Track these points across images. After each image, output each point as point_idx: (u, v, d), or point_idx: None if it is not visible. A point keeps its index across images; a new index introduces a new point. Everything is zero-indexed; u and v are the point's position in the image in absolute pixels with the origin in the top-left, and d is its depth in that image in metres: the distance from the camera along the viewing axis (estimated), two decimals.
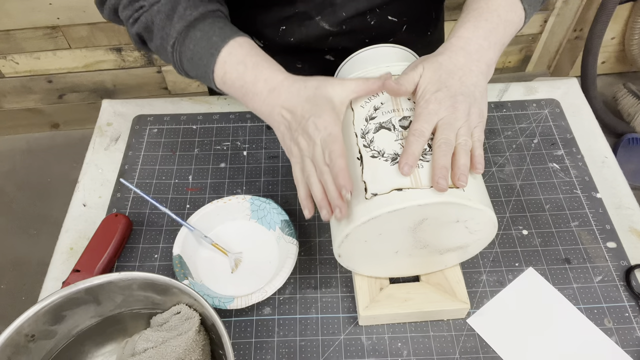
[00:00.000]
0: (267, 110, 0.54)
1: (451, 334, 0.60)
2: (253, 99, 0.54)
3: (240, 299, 0.59)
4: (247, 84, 0.54)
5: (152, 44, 0.60)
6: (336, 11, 0.69)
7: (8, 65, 1.64)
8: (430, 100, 0.50)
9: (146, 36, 0.59)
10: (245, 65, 0.54)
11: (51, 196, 1.71)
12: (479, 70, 0.52)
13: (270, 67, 0.55)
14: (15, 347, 0.48)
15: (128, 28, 0.60)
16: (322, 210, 0.50)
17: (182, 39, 0.56)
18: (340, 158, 0.48)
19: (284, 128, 0.53)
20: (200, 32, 0.55)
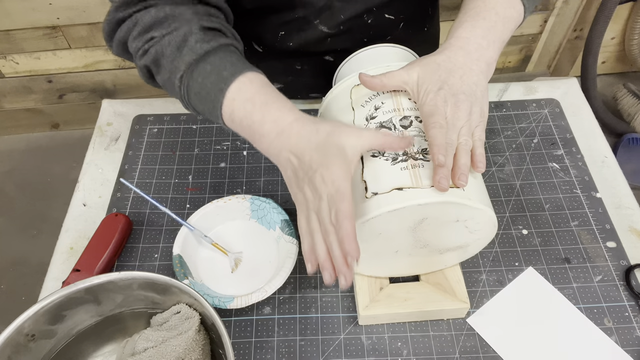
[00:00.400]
0: (274, 152, 0.51)
1: (451, 334, 0.60)
2: (260, 141, 0.51)
3: (240, 298, 0.59)
4: (255, 124, 0.50)
5: (159, 77, 0.57)
6: (334, 14, 0.69)
7: (8, 65, 1.64)
8: (436, 99, 0.50)
9: (154, 69, 0.56)
10: (253, 104, 0.51)
11: (51, 196, 1.71)
12: (479, 69, 0.52)
13: (280, 107, 0.51)
14: (15, 346, 0.48)
15: (136, 60, 0.57)
16: (324, 272, 0.47)
17: (191, 72, 0.53)
18: (347, 220, 0.45)
19: (291, 173, 0.50)
20: (210, 66, 0.52)
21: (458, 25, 0.55)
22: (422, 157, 0.49)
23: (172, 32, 0.54)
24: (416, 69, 0.52)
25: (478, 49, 0.53)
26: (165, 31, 0.54)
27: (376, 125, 0.53)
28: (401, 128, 0.52)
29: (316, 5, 0.68)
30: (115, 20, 0.57)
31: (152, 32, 0.55)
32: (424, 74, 0.51)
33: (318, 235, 0.47)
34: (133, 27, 0.56)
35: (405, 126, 0.52)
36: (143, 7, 0.55)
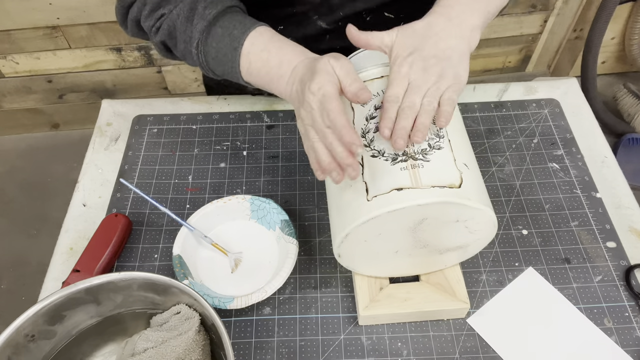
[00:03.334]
0: (288, 90, 0.53)
1: (451, 334, 0.60)
2: (279, 82, 0.54)
3: (240, 298, 0.59)
4: (273, 69, 0.54)
5: (177, 50, 0.60)
6: (334, 11, 0.69)
7: (8, 65, 1.64)
8: (402, 64, 0.51)
9: (170, 43, 0.60)
10: (268, 52, 0.55)
11: (51, 196, 1.71)
12: (460, 34, 0.52)
13: (293, 49, 0.55)
14: (15, 347, 0.48)
15: (152, 38, 0.61)
16: (332, 174, 0.49)
17: (205, 39, 0.57)
18: (339, 115, 0.47)
19: (297, 103, 0.52)
20: (221, 29, 0.56)
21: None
22: (422, 158, 0.49)
23: (179, 4, 0.57)
24: (394, 33, 0.53)
25: (460, 15, 0.53)
26: (173, 5, 0.58)
27: (376, 125, 0.53)
28: None
29: (315, 1, 0.68)
30: (126, 3, 0.61)
31: (161, 10, 0.58)
32: (399, 39, 0.52)
33: (318, 144, 0.49)
34: (143, 7, 0.60)
35: None
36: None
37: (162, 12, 0.58)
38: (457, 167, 0.50)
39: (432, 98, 0.50)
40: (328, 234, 0.68)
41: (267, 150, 0.77)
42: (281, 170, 0.75)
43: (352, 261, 0.57)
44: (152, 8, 0.59)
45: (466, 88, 0.85)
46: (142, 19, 0.60)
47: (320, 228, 0.69)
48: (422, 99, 0.50)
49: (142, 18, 0.60)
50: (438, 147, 0.51)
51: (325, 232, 0.68)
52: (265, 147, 0.78)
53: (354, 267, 0.59)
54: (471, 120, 0.81)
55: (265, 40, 0.55)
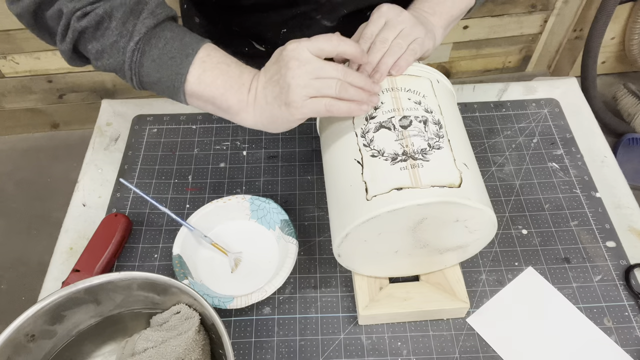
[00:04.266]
0: (252, 95, 0.53)
1: (451, 334, 0.60)
2: (239, 91, 0.53)
3: (240, 298, 0.59)
4: (232, 78, 0.53)
5: (95, 43, 0.52)
6: (337, 9, 0.70)
7: (8, 65, 1.64)
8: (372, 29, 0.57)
9: (89, 34, 0.52)
10: (227, 65, 0.53)
11: (51, 196, 1.71)
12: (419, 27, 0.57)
13: (250, 67, 0.55)
14: (15, 346, 0.48)
15: (71, 24, 0.51)
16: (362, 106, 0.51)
17: (148, 38, 0.52)
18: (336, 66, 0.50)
19: (271, 91, 0.51)
20: (171, 33, 0.53)
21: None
22: (422, 157, 0.49)
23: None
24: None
25: (423, 14, 0.61)
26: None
27: (375, 125, 0.53)
28: (401, 128, 0.52)
29: (319, 1, 0.68)
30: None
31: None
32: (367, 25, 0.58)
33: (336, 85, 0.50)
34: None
35: (405, 126, 0.52)
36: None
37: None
38: (456, 166, 0.50)
39: (402, 40, 0.55)
40: (328, 233, 0.68)
41: (267, 150, 0.77)
42: (281, 170, 0.75)
43: (352, 261, 0.57)
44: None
45: (466, 88, 0.85)
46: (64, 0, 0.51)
47: (320, 228, 0.69)
48: (394, 38, 0.55)
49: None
50: (438, 146, 0.51)
51: (325, 232, 0.68)
52: (265, 147, 0.78)
53: (354, 267, 0.59)
54: (471, 120, 0.81)
55: (222, 54, 0.54)
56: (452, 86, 0.61)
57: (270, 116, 0.52)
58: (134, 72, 0.53)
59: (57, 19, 0.52)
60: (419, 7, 0.62)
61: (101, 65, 0.54)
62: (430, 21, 0.61)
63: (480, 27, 1.74)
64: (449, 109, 0.56)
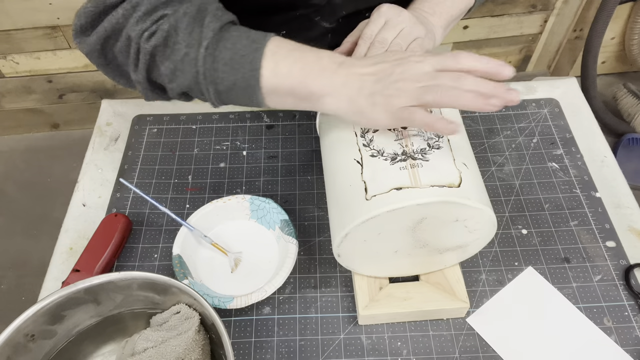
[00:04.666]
0: (339, 80, 0.49)
1: (451, 333, 0.60)
2: (321, 75, 0.50)
3: (239, 298, 0.59)
4: (310, 64, 0.50)
5: (167, 62, 0.51)
6: (336, 11, 0.70)
7: (8, 65, 1.64)
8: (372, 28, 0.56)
9: (160, 55, 0.51)
10: (301, 51, 0.51)
11: (51, 196, 1.71)
12: (419, 27, 0.58)
13: (325, 50, 0.52)
14: (15, 346, 0.48)
15: (136, 49, 0.51)
16: (493, 100, 0.46)
17: (216, 41, 0.50)
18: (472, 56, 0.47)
19: (371, 84, 0.48)
20: (237, 32, 0.51)
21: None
22: (421, 157, 0.49)
23: (185, 3, 0.51)
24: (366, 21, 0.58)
25: (423, 14, 0.61)
26: (177, 6, 0.51)
27: None
28: (400, 128, 0.52)
29: (319, 4, 0.68)
30: (103, 6, 0.51)
31: (162, 11, 0.51)
32: (367, 24, 0.58)
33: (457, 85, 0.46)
34: (133, 10, 0.51)
35: (405, 126, 0.52)
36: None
37: (164, 13, 0.50)
38: (456, 166, 0.50)
39: (402, 40, 0.55)
40: (328, 233, 0.68)
41: (267, 150, 0.77)
42: (281, 170, 0.75)
43: (352, 261, 0.57)
44: (148, 10, 0.50)
45: None
46: (132, 23, 0.50)
47: (320, 228, 0.69)
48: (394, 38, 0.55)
49: (130, 23, 0.51)
50: (437, 146, 0.51)
51: (325, 232, 0.68)
52: (265, 147, 0.78)
53: (354, 267, 0.59)
54: (470, 119, 0.81)
55: (291, 43, 0.51)
56: None
57: (358, 109, 0.49)
58: (209, 82, 0.51)
59: (126, 48, 0.51)
60: (418, 7, 0.62)
61: (176, 86, 0.52)
62: (430, 21, 0.61)
63: (480, 27, 1.74)
64: (448, 109, 0.56)
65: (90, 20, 0.52)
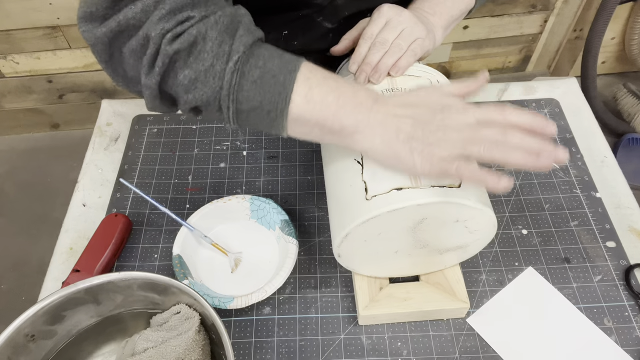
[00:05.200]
0: (376, 118, 0.47)
1: (451, 334, 0.60)
2: (356, 110, 0.47)
3: (240, 298, 0.59)
4: (346, 96, 0.47)
5: (188, 70, 0.46)
6: (338, 11, 0.70)
7: (8, 65, 1.64)
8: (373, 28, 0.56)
9: (182, 59, 0.45)
10: (336, 81, 0.47)
11: (51, 196, 1.71)
12: (420, 26, 0.58)
13: (362, 85, 0.51)
14: (15, 346, 0.48)
15: (154, 50, 0.45)
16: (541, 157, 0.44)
17: (247, 58, 0.46)
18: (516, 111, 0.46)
19: (410, 128, 0.46)
20: (268, 51, 0.47)
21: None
22: None
23: (216, 12, 0.46)
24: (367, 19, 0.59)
25: (423, 14, 0.61)
26: (206, 12, 0.46)
27: None
28: None
29: (321, 5, 0.68)
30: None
31: (189, 12, 0.45)
32: (368, 24, 0.58)
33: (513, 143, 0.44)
34: (155, 6, 0.45)
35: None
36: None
37: (190, 15, 0.45)
38: None
39: (402, 40, 0.55)
40: (328, 233, 0.68)
41: (267, 150, 0.77)
42: (281, 170, 0.75)
43: (352, 261, 0.57)
44: (172, 8, 0.45)
45: None
46: (153, 21, 0.45)
47: (320, 228, 0.69)
48: (395, 38, 0.55)
49: (151, 20, 0.45)
50: None
51: (325, 232, 0.68)
52: (265, 147, 0.78)
53: (354, 267, 0.59)
54: None
55: (324, 71, 0.48)
56: None
57: (393, 153, 0.46)
58: (231, 99, 0.46)
59: (141, 47, 0.46)
60: (418, 7, 0.62)
61: (192, 98, 0.47)
62: (430, 21, 0.61)
63: (480, 27, 1.74)
64: None
65: (102, 9, 0.47)
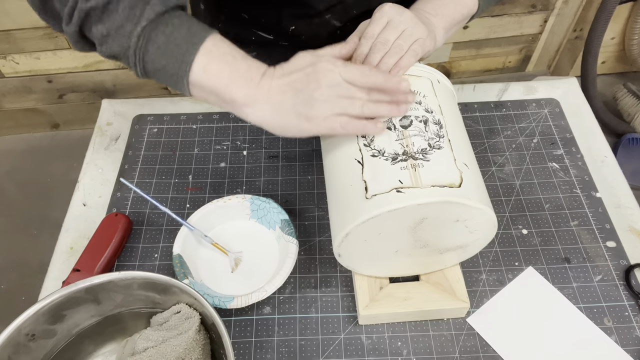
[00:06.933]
0: (261, 93, 0.52)
1: (451, 333, 0.60)
2: (246, 84, 0.52)
3: (240, 298, 0.59)
4: (240, 71, 0.52)
5: (101, 26, 0.51)
6: (347, 10, 0.70)
7: (8, 65, 1.64)
8: (375, 28, 0.57)
9: (96, 15, 0.50)
10: (233, 57, 0.52)
11: (51, 196, 1.71)
12: (421, 26, 0.59)
13: (257, 60, 0.54)
14: (15, 346, 0.48)
15: (72, 5, 0.50)
16: (377, 124, 0.52)
17: (156, 24, 0.50)
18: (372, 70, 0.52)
19: (291, 96, 0.51)
20: (179, 20, 0.51)
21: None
22: (422, 157, 0.49)
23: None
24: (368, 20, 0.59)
25: (425, 15, 0.62)
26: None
27: None
28: (401, 128, 0.52)
29: (331, 1, 0.68)
30: None
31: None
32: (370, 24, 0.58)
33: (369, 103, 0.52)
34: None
35: (405, 126, 0.52)
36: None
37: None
38: (457, 166, 0.50)
39: (403, 41, 0.56)
40: (328, 233, 0.68)
41: (267, 150, 0.77)
42: (281, 170, 0.75)
43: (352, 261, 0.57)
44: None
45: (466, 88, 0.85)
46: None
47: (320, 228, 0.69)
48: (396, 39, 0.56)
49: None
50: (438, 146, 0.51)
51: (325, 232, 0.68)
52: (265, 147, 0.78)
53: (354, 267, 0.59)
54: (471, 120, 0.81)
55: (228, 45, 0.53)
56: (452, 86, 0.61)
57: (283, 122, 0.52)
58: (138, 58, 0.51)
59: (64, 0, 0.51)
60: (420, 8, 0.62)
61: (105, 49, 0.52)
62: (431, 22, 0.61)
63: (480, 27, 1.74)
64: (449, 109, 0.56)
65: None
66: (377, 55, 0.55)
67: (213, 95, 0.53)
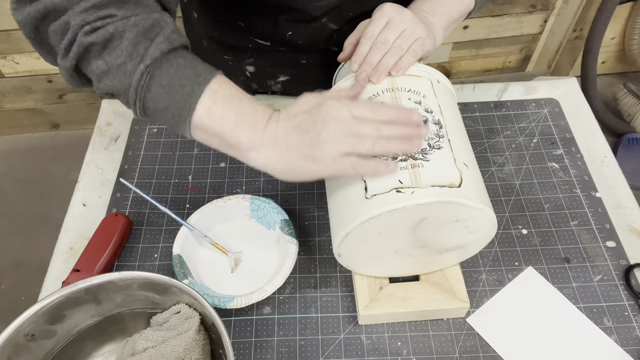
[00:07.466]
0: (268, 137, 0.50)
1: (451, 333, 0.60)
2: (253, 127, 0.50)
3: (240, 298, 0.59)
4: (246, 114, 0.50)
5: (100, 61, 0.48)
6: (343, 12, 0.70)
7: (8, 65, 1.64)
8: (374, 28, 0.57)
9: (96, 52, 0.48)
10: (240, 99, 0.50)
11: (51, 196, 1.71)
12: (420, 26, 0.59)
13: (263, 104, 0.52)
14: (15, 346, 0.48)
15: (71, 38, 0.48)
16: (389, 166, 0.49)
17: (160, 63, 0.48)
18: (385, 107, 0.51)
19: (297, 138, 0.49)
20: (184, 60, 0.49)
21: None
22: (422, 157, 0.49)
23: (140, 14, 0.48)
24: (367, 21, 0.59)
25: (423, 14, 0.62)
26: (130, 13, 0.48)
27: None
28: None
29: (327, 6, 0.68)
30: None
31: (111, 9, 0.48)
32: (370, 24, 0.59)
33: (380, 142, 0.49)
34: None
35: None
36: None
37: (112, 13, 0.48)
38: (456, 166, 0.50)
39: (403, 41, 0.56)
40: (328, 233, 0.68)
41: None
42: None
43: (352, 261, 0.57)
44: (96, 4, 0.47)
45: (466, 88, 0.85)
46: (75, 11, 0.47)
47: (320, 228, 0.69)
48: (396, 38, 0.56)
49: (73, 10, 0.47)
50: (438, 146, 0.51)
51: (325, 232, 0.68)
52: None
53: (354, 267, 0.59)
54: (471, 120, 0.81)
55: (234, 87, 0.51)
56: (452, 86, 0.61)
57: (290, 165, 0.49)
58: (139, 97, 0.49)
59: (61, 33, 0.48)
60: (418, 7, 0.62)
61: (104, 86, 0.50)
62: (430, 21, 0.61)
63: (480, 27, 1.74)
64: (449, 109, 0.56)
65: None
66: (377, 55, 0.55)
67: (216, 138, 0.50)
